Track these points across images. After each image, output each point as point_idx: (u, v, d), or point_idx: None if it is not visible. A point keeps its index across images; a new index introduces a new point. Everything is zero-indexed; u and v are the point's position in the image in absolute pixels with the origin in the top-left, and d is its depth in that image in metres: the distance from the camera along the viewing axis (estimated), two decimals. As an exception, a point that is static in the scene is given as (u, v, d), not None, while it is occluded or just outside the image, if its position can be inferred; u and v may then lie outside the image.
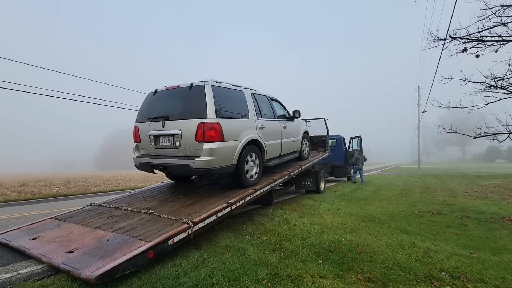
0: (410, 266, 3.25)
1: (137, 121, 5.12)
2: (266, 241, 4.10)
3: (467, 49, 5.35)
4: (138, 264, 2.84)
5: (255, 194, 4.85)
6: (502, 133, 5.65)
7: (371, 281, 2.89)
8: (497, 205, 7.49)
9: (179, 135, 4.43)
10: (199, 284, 2.73)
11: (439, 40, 5.62)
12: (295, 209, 6.45)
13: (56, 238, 3.55)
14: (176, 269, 3.03)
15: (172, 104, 4.87)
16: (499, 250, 3.91)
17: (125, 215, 4.16)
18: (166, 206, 4.40)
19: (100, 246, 3.14)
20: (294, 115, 6.92)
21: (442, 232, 4.88)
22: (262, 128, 5.40)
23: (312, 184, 8.59)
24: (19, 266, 3.09)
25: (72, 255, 3.00)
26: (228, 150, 4.47)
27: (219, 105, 4.44)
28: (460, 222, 5.57)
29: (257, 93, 5.82)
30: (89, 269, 2.62)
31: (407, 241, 4.23)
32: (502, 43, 5.09)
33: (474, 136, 6.04)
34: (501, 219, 5.81)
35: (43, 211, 6.57)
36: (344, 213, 6.26)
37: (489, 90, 5.54)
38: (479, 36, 5.21)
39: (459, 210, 6.72)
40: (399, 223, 5.47)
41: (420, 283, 2.86)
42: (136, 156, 5.14)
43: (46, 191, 10.47)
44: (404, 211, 6.66)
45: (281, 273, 3.03)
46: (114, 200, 5.16)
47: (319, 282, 2.83)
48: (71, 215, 4.47)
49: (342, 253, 3.67)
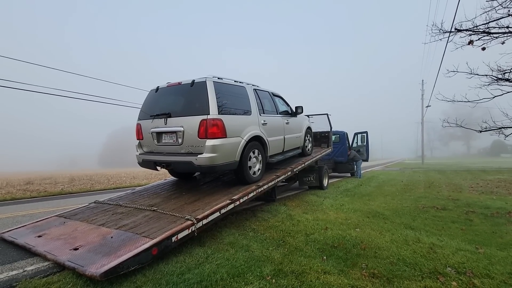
0: (415, 262, 3.22)
1: (139, 119, 5.12)
2: (269, 238, 4.10)
3: (473, 41, 5.25)
4: (143, 261, 2.85)
5: (258, 190, 4.84)
6: (508, 126, 5.58)
7: (375, 277, 2.88)
8: (503, 200, 7.41)
9: (181, 132, 4.42)
10: (203, 280, 2.74)
11: (444, 32, 5.53)
12: (299, 205, 6.44)
13: (61, 236, 3.57)
14: (180, 266, 3.04)
15: (174, 101, 4.86)
16: (506, 245, 3.87)
17: (129, 212, 4.17)
18: (169, 203, 4.41)
19: (105, 243, 3.15)
20: (297, 111, 6.87)
21: (447, 227, 4.84)
22: (265, 124, 5.37)
23: (315, 180, 8.56)
24: (25, 264, 3.12)
25: (77, 252, 3.01)
26: (231, 146, 4.46)
27: (221, 101, 4.42)
28: (465, 217, 5.52)
29: (259, 89, 5.78)
30: (94, 266, 2.63)
31: (412, 236, 4.20)
32: (509, 35, 4.99)
33: (480, 131, 5.97)
34: (507, 214, 5.74)
35: (48, 209, 6.62)
36: (347, 209, 6.24)
37: (496, 83, 5.45)
38: (485, 28, 5.11)
39: (464, 205, 6.66)
40: (403, 218, 5.43)
41: (426, 279, 2.83)
42: (139, 153, 5.15)
43: (51, 189, 10.57)
44: (409, 206, 6.62)
45: (285, 269, 3.03)
46: (118, 198, 5.19)
47: (323, 278, 2.82)
48: (76, 213, 4.50)
49: (346, 249, 3.66)
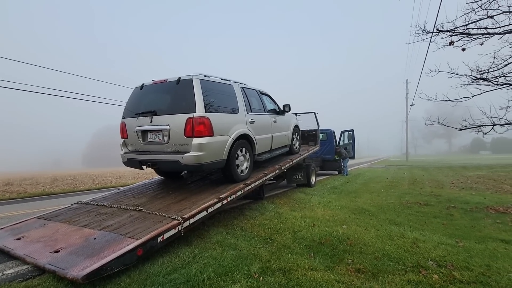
0: (399, 256, 3.31)
1: (124, 117, 4.99)
2: (257, 236, 4.10)
3: (453, 42, 5.42)
4: (127, 262, 2.79)
5: (246, 188, 4.83)
6: (486, 125, 5.79)
7: (361, 272, 2.93)
8: (481, 195, 7.72)
9: (167, 130, 4.34)
10: (190, 280, 2.71)
11: (426, 33, 5.67)
12: (287, 203, 6.48)
13: (41, 238, 3.44)
14: (166, 266, 3.00)
15: (159, 99, 4.77)
16: (484, 239, 4.03)
17: (114, 212, 4.07)
18: (155, 203, 4.33)
19: (87, 245, 3.06)
20: (284, 109, 6.89)
21: (430, 222, 4.99)
22: (252, 123, 5.36)
23: (303, 178, 8.64)
24: (4, 267, 3.01)
25: (58, 255, 2.91)
26: (218, 145, 4.42)
27: (208, 99, 4.37)
28: (446, 213, 5.72)
29: (246, 87, 5.76)
30: (76, 269, 2.55)
31: (396, 232, 4.31)
32: (487, 36, 5.18)
33: (460, 129, 6.18)
34: (485, 208, 5.99)
35: (28, 210, 6.38)
36: (334, 206, 6.33)
37: (475, 83, 5.65)
38: (465, 29, 5.28)
39: (445, 201, 6.89)
40: (388, 214, 5.56)
41: (409, 273, 2.91)
42: (124, 152, 5.02)
43: (32, 190, 10.18)
44: (393, 202, 6.79)
45: (272, 266, 3.04)
46: (102, 198, 5.05)
47: (310, 275, 2.85)
48: (57, 214, 4.35)
49: (333, 245, 3.71)
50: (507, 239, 3.97)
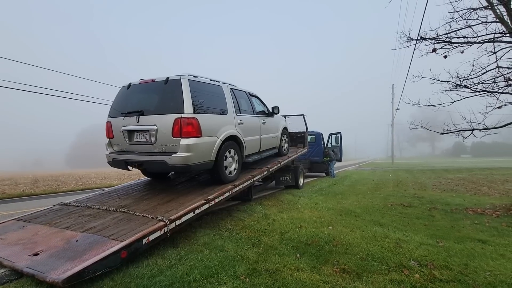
0: (383, 257, 3.39)
1: (109, 116, 4.88)
2: (245, 237, 4.10)
3: (436, 49, 5.64)
4: (111, 264, 2.72)
5: (234, 190, 4.82)
6: (466, 129, 6.04)
7: (346, 272, 2.98)
8: (461, 197, 8.02)
9: (154, 130, 4.28)
10: (175, 282, 2.67)
11: (411, 40, 5.88)
12: (275, 204, 6.51)
13: (20, 241, 3.31)
14: (151, 268, 2.95)
15: (147, 99, 4.70)
16: (463, 239, 4.18)
17: (97, 214, 3.97)
18: (141, 204, 4.26)
19: (69, 247, 2.97)
20: (273, 111, 6.94)
21: (412, 223, 5.14)
22: (241, 124, 5.36)
23: (291, 179, 8.70)
24: (-22, 271, 2.86)
25: (37, 258, 2.81)
26: (206, 146, 4.40)
27: (197, 100, 4.34)
28: (428, 214, 5.90)
29: (236, 89, 5.76)
30: (56, 272, 2.47)
31: (380, 232, 4.41)
32: (467, 45, 5.41)
33: (442, 133, 6.41)
34: (464, 209, 6.22)
35: (6, 212, 6.13)
36: (322, 207, 6.41)
37: (455, 89, 5.88)
38: (446, 37, 5.50)
39: (427, 202, 7.11)
40: (373, 215, 5.69)
41: (392, 272, 2.99)
42: (109, 152, 4.91)
43: (10, 191, 9.77)
44: (378, 204, 6.95)
45: (259, 268, 3.04)
46: (85, 199, 4.92)
47: (296, 275, 2.87)
48: (37, 216, 4.20)
49: (319, 246, 3.75)
50: (484, 239, 4.13)
